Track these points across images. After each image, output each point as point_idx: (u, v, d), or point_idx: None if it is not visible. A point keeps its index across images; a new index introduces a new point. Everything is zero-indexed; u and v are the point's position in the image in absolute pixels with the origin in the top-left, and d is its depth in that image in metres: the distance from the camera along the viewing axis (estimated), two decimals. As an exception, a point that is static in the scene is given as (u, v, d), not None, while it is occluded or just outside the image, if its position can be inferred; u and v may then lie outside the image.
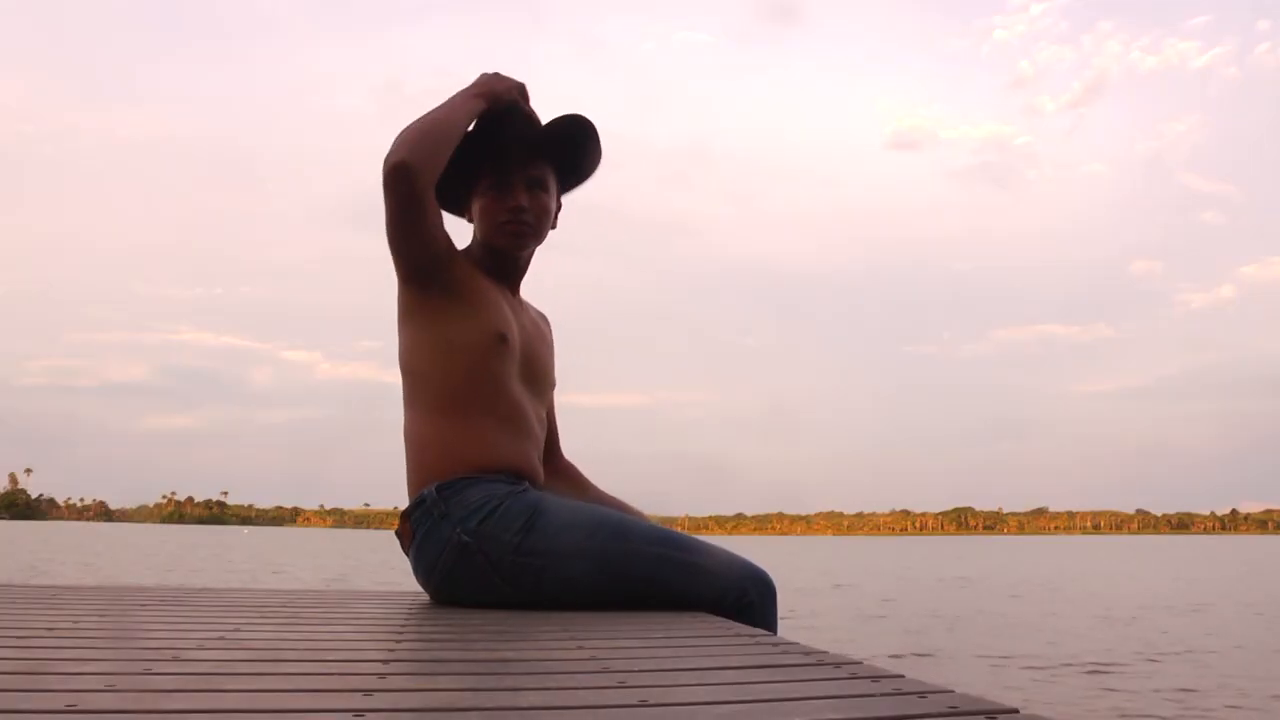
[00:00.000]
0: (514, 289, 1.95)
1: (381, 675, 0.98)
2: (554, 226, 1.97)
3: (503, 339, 1.80)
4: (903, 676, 0.94)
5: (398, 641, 1.28)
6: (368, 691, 0.87)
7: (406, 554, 1.77)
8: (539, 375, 1.93)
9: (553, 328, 2.09)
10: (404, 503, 1.78)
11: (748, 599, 1.66)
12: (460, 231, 1.89)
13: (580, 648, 1.18)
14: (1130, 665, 7.03)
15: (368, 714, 0.77)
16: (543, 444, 1.92)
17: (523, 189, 1.87)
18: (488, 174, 1.89)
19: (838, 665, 1.04)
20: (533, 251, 1.95)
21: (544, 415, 1.95)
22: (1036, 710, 0.78)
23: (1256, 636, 9.20)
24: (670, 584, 1.66)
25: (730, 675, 1.01)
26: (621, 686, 0.91)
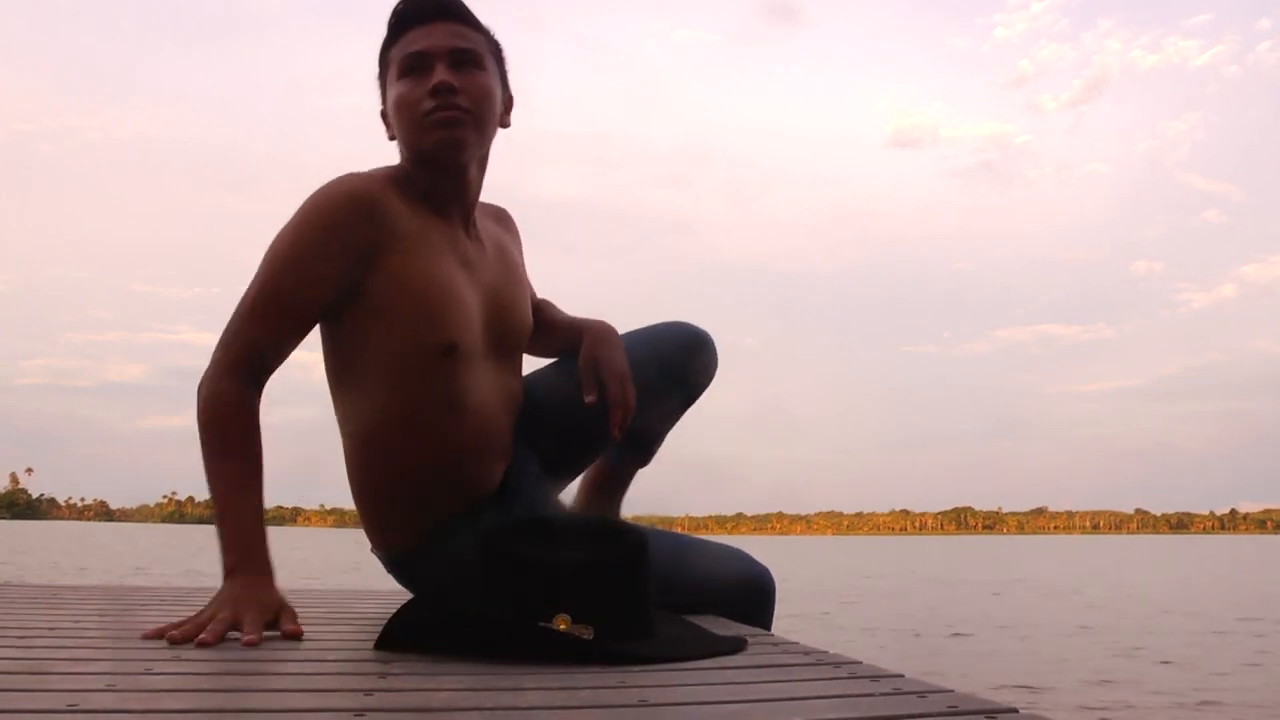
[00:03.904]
0: (467, 221, 1.48)
1: (381, 675, 0.98)
2: (505, 124, 1.49)
3: (449, 350, 1.39)
4: (902, 676, 0.94)
5: (398, 641, 1.28)
6: (368, 691, 0.88)
7: None
8: (509, 338, 1.54)
9: (516, 224, 1.68)
10: None
11: (743, 606, 1.54)
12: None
13: (580, 647, 1.18)
14: (1132, 664, 7.03)
15: (368, 714, 0.77)
16: (517, 410, 1.57)
17: (446, 64, 1.38)
18: (396, 57, 1.42)
19: (837, 665, 1.04)
20: (483, 160, 1.47)
21: (517, 380, 1.58)
22: (1036, 710, 0.78)
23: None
24: (661, 596, 1.41)
25: (730, 675, 1.01)
26: (621, 686, 0.91)
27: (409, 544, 1.51)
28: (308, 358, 1.58)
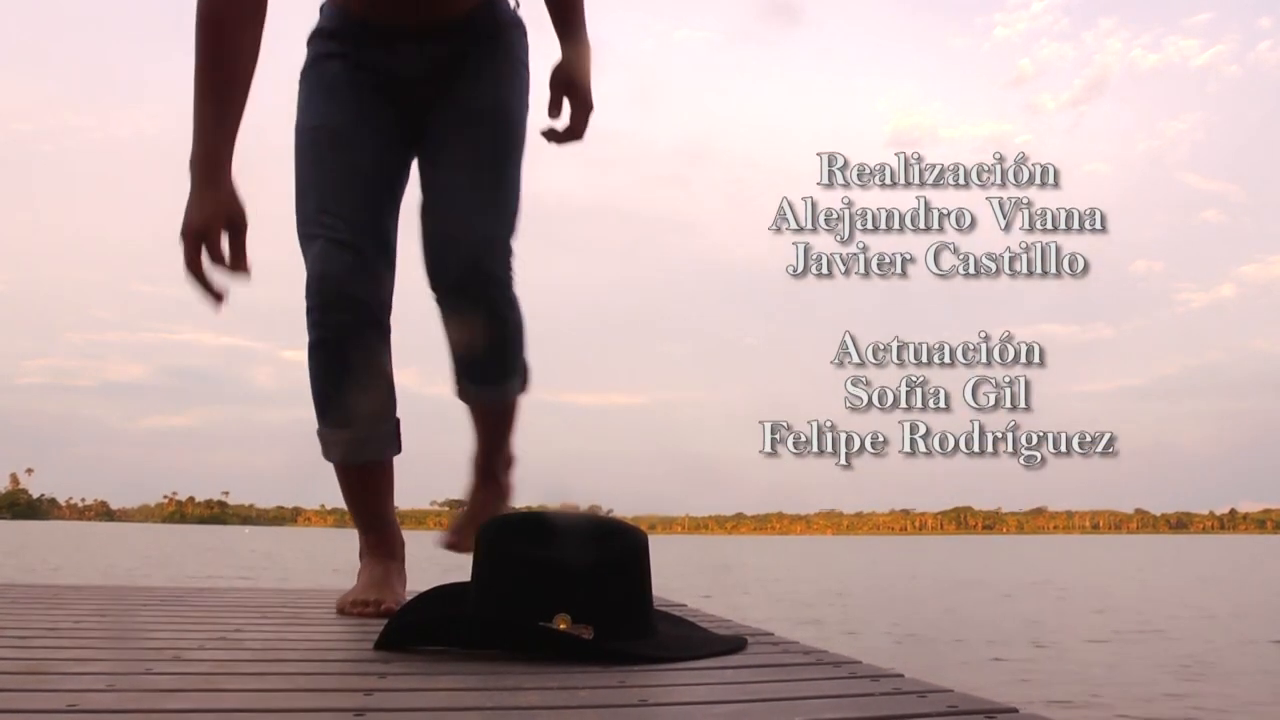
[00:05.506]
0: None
1: (382, 675, 0.98)
2: None
3: None
4: (902, 676, 0.94)
5: (398, 641, 1.28)
6: (368, 691, 0.88)
7: None
8: None
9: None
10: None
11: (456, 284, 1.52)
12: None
13: (580, 647, 1.18)
14: (1131, 664, 7.04)
15: (368, 714, 0.77)
16: None
17: None
18: None
19: (837, 665, 1.04)
20: None
21: None
22: (1036, 710, 0.78)
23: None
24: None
25: (730, 675, 1.01)
26: (621, 686, 0.91)
27: None
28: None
